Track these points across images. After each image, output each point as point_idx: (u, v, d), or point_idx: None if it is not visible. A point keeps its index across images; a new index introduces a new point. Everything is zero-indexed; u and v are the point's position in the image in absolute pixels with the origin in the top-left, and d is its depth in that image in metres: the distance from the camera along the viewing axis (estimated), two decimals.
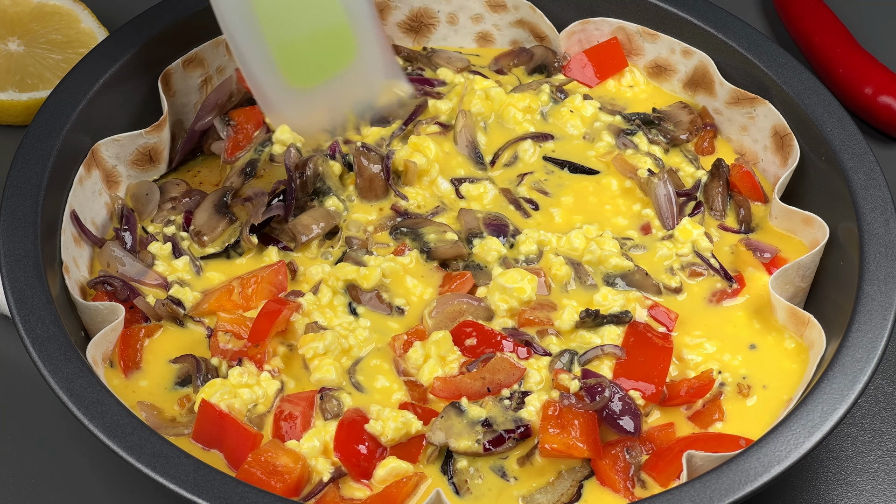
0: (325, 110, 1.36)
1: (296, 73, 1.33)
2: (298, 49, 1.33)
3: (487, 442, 1.14)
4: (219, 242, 1.29)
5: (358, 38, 1.35)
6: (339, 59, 1.35)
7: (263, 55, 1.31)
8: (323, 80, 1.35)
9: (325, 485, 1.13)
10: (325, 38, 1.34)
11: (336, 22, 1.34)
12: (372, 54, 1.37)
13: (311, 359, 1.20)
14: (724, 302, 1.27)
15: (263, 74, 1.32)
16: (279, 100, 1.33)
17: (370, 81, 1.37)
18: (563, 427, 1.13)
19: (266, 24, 1.31)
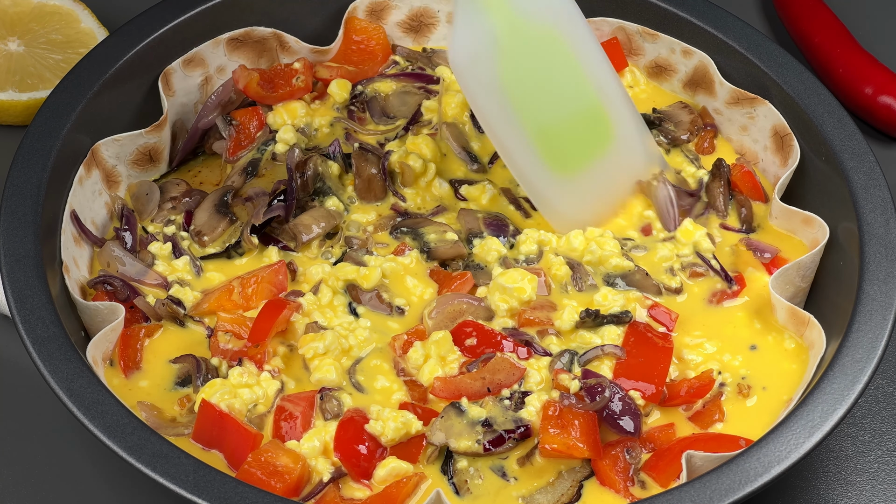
0: (592, 195, 1.30)
1: (557, 160, 1.27)
2: (557, 135, 1.27)
3: (487, 442, 1.14)
4: (219, 242, 1.29)
5: (613, 118, 1.30)
6: (600, 142, 1.30)
7: (524, 145, 1.25)
8: (586, 165, 1.29)
9: (325, 485, 1.13)
10: (582, 122, 1.28)
11: (589, 103, 1.28)
12: (629, 131, 1.32)
13: (311, 359, 1.20)
14: (724, 303, 1.27)
15: (527, 165, 1.26)
16: (546, 189, 1.28)
17: (631, 161, 1.32)
18: (563, 427, 1.13)
19: (521, 112, 1.25)
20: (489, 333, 1.22)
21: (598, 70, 1.29)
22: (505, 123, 1.24)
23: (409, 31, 1.48)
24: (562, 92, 1.27)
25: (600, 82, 1.29)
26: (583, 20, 1.28)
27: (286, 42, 1.42)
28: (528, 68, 1.24)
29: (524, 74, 1.24)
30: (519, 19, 1.23)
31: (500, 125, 1.24)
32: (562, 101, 1.27)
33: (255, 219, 1.27)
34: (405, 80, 1.42)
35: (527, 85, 1.24)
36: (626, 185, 1.32)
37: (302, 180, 1.30)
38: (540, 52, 1.25)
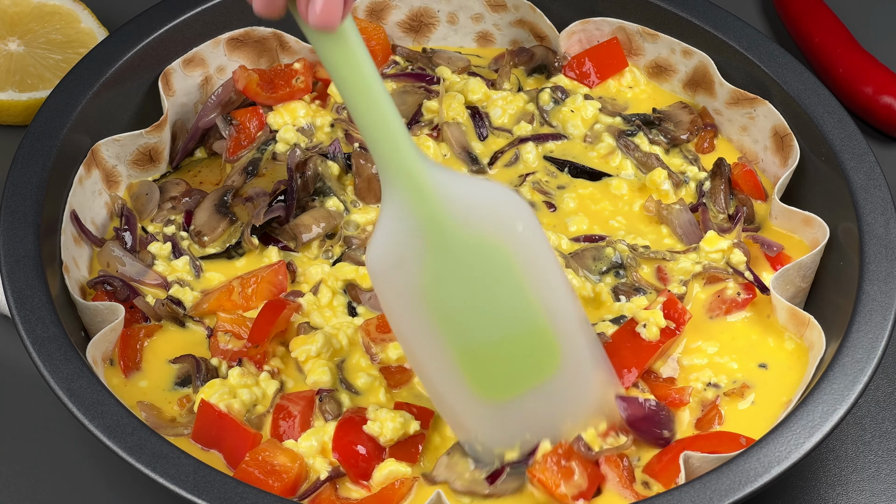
0: (523, 426, 1.12)
1: (483, 383, 1.10)
2: (486, 357, 1.09)
3: (488, 478, 1.14)
4: (219, 242, 1.29)
5: (562, 345, 1.10)
6: (540, 370, 1.10)
7: (442, 361, 1.08)
8: (519, 393, 1.11)
9: (321, 483, 1.13)
10: (521, 346, 1.09)
11: (533, 327, 1.09)
12: (580, 361, 1.12)
13: (304, 362, 1.20)
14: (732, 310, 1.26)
15: (444, 384, 1.10)
16: (465, 413, 1.11)
17: (577, 394, 1.14)
18: (560, 467, 1.13)
19: (444, 327, 1.07)
20: None
21: (551, 290, 1.10)
22: (422, 335, 1.08)
23: (409, 31, 1.48)
24: (498, 311, 1.08)
25: (552, 304, 1.09)
26: (539, 231, 1.08)
27: (286, 42, 1.42)
28: (459, 282, 1.06)
29: (454, 288, 1.06)
30: (458, 228, 1.05)
31: (416, 336, 1.08)
32: (497, 322, 1.08)
33: (255, 219, 1.27)
34: (405, 80, 1.42)
35: (456, 300, 1.07)
36: (564, 418, 1.14)
37: (302, 180, 1.30)
38: (477, 266, 1.06)
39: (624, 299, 1.26)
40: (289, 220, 1.29)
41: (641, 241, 1.30)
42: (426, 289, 1.06)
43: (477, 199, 1.06)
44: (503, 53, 1.46)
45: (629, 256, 1.28)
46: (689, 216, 1.31)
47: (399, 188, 1.04)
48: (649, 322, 1.20)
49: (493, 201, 1.06)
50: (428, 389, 1.13)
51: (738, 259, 1.27)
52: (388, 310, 1.08)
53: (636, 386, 1.20)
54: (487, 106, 1.40)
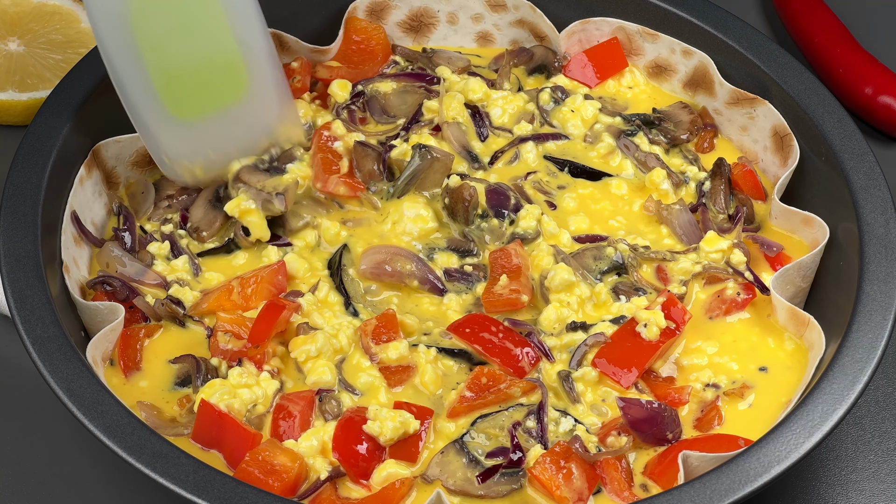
0: (207, 145, 1.29)
1: (177, 103, 1.25)
2: (182, 78, 1.24)
3: (479, 476, 1.14)
4: (218, 237, 1.30)
5: (251, 75, 1.27)
6: (228, 94, 1.27)
7: (142, 81, 1.23)
8: (208, 114, 1.27)
9: (321, 483, 1.13)
10: (213, 70, 1.25)
11: (227, 54, 1.25)
12: (266, 92, 1.29)
13: (304, 362, 1.20)
14: (732, 310, 1.26)
15: (142, 102, 1.24)
16: (158, 128, 1.26)
17: (260, 122, 1.30)
18: (559, 468, 1.13)
19: (146, 49, 1.22)
20: (488, 322, 1.21)
21: (246, 24, 1.25)
22: (126, 56, 1.22)
23: (409, 31, 1.48)
24: (196, 37, 1.24)
25: (245, 36, 1.25)
26: None
27: (286, 41, 1.42)
28: (162, 6, 1.21)
29: (157, 12, 1.21)
30: None
31: (120, 56, 1.22)
32: (194, 46, 1.24)
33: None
34: (405, 80, 1.42)
35: (158, 23, 1.21)
36: (248, 142, 1.30)
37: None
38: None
39: (624, 299, 1.26)
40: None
41: (641, 241, 1.30)
42: (131, 10, 1.20)
43: None
44: (503, 53, 1.46)
45: (630, 256, 1.28)
46: (689, 216, 1.31)
47: None
48: (650, 322, 1.20)
49: None
50: (124, 102, 1.25)
51: (738, 259, 1.27)
52: (96, 28, 1.21)
53: (636, 386, 1.20)
54: (487, 105, 1.40)
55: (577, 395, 1.20)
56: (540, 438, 1.16)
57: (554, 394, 1.20)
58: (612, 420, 1.18)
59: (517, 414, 1.18)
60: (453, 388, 1.20)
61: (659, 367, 1.22)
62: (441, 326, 1.24)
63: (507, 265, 1.25)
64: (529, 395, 1.19)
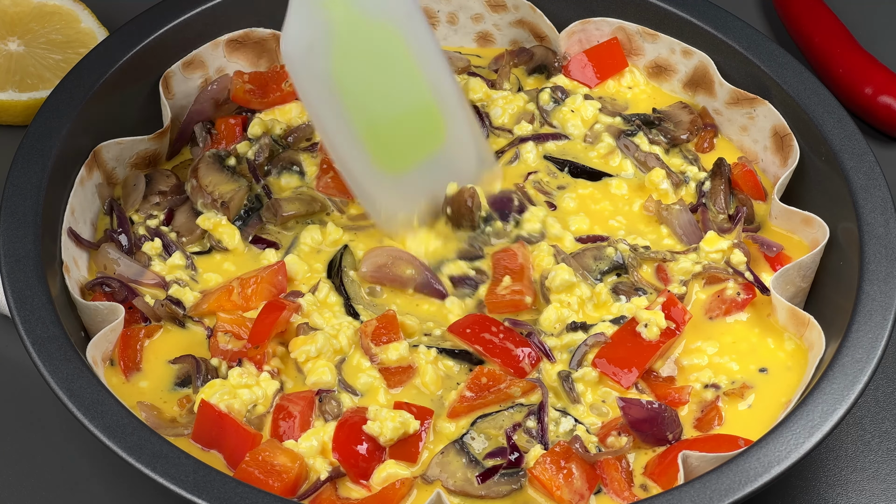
0: (419, 194, 1.29)
1: (385, 157, 1.26)
2: (387, 133, 1.26)
3: (478, 476, 1.14)
4: (199, 243, 1.30)
5: (446, 119, 1.28)
6: (429, 142, 1.28)
7: (352, 140, 1.25)
8: (415, 164, 1.28)
9: (322, 483, 1.13)
10: (413, 120, 1.27)
11: (423, 102, 1.27)
12: (462, 134, 1.30)
13: (304, 362, 1.20)
14: (732, 310, 1.26)
15: (353, 160, 1.26)
16: (372, 187, 1.27)
17: (463, 162, 1.31)
18: (559, 468, 1.13)
19: (351, 105, 1.24)
20: (488, 323, 1.21)
21: (435, 70, 1.27)
22: (334, 117, 1.24)
23: None
24: (395, 89, 1.26)
25: (436, 82, 1.27)
26: (423, 19, 1.26)
27: None
28: (362, 63, 1.23)
29: (358, 69, 1.23)
30: (356, 12, 1.22)
31: (329, 118, 1.24)
32: (394, 98, 1.26)
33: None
34: None
35: (360, 80, 1.24)
36: (460, 177, 1.30)
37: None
38: (375, 47, 1.24)
39: (624, 299, 1.26)
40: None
41: (641, 241, 1.30)
42: (333, 70, 1.22)
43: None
44: (503, 53, 1.46)
45: (630, 256, 1.28)
46: (689, 216, 1.31)
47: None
48: (650, 322, 1.20)
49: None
50: (338, 164, 1.27)
51: (738, 259, 1.27)
52: (303, 93, 1.24)
53: (636, 386, 1.20)
54: (488, 105, 1.40)
55: (577, 396, 1.20)
56: (540, 438, 1.16)
57: (554, 394, 1.20)
58: (612, 420, 1.18)
59: (517, 415, 1.18)
60: (454, 389, 1.20)
61: (659, 367, 1.22)
62: (441, 327, 1.24)
63: (511, 266, 1.25)
64: (529, 395, 1.19)
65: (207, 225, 1.28)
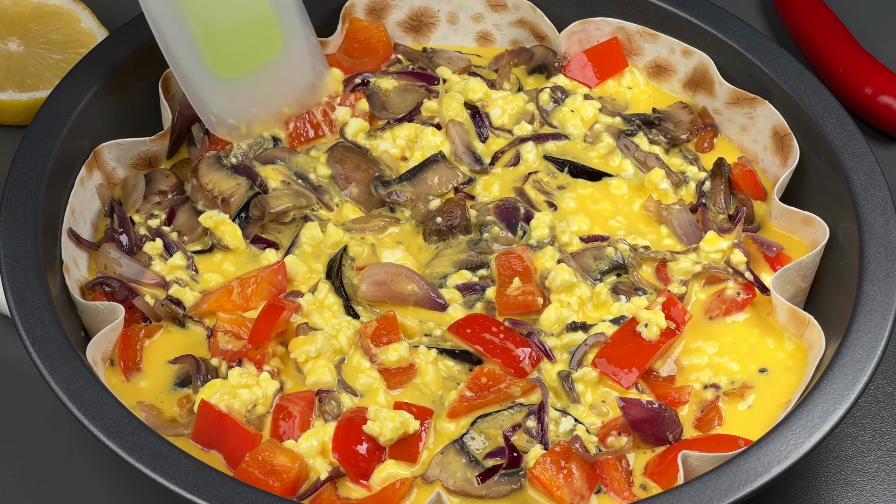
0: (251, 101, 1.35)
1: (221, 62, 1.32)
2: (223, 38, 1.32)
3: (478, 476, 1.14)
4: (201, 241, 1.30)
5: (283, 30, 1.35)
6: (265, 51, 1.35)
7: (188, 43, 1.30)
8: (248, 70, 1.34)
9: (322, 483, 1.13)
10: (251, 28, 1.33)
11: (261, 12, 1.33)
12: (298, 47, 1.36)
13: (304, 363, 1.20)
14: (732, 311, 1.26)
15: (189, 62, 1.31)
16: (205, 89, 1.32)
17: (297, 75, 1.37)
18: (559, 468, 1.13)
19: (189, 11, 1.30)
20: (489, 323, 1.21)
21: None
22: (173, 21, 1.29)
23: (410, 31, 1.48)
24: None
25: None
26: None
27: None
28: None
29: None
30: None
31: (167, 22, 1.29)
32: (232, 7, 1.32)
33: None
34: (407, 78, 1.42)
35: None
36: (287, 97, 1.37)
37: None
38: None
39: (624, 299, 1.26)
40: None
41: (641, 241, 1.30)
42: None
43: None
44: (503, 53, 1.46)
45: (630, 256, 1.28)
46: (689, 216, 1.31)
47: None
48: (650, 322, 1.20)
49: None
50: (173, 67, 1.31)
51: (738, 259, 1.27)
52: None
53: (636, 386, 1.20)
54: (487, 105, 1.40)
55: (577, 396, 1.20)
56: (540, 438, 1.16)
57: (554, 394, 1.20)
58: (612, 420, 1.18)
59: (517, 415, 1.18)
60: (454, 389, 1.20)
61: (659, 367, 1.22)
62: (441, 327, 1.24)
63: (518, 268, 1.25)
64: (529, 395, 1.19)
65: (209, 223, 1.28)
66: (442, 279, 1.27)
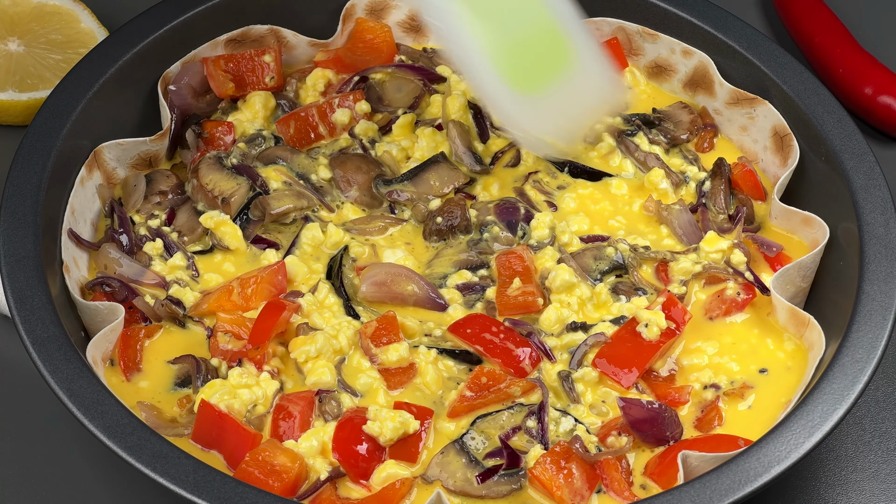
0: (558, 115, 1.30)
1: (519, 80, 1.27)
2: (515, 56, 1.27)
3: (478, 476, 1.14)
4: (201, 242, 1.30)
5: (572, 42, 1.29)
6: (560, 64, 1.29)
7: (481, 61, 1.25)
8: (548, 85, 1.28)
9: (322, 483, 1.13)
10: (540, 43, 1.28)
11: (548, 25, 1.28)
12: (589, 56, 1.31)
13: (304, 363, 1.20)
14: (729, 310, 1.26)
15: (488, 82, 1.26)
16: (511, 109, 1.27)
17: (593, 84, 1.32)
18: (559, 468, 1.13)
19: (479, 30, 1.25)
20: (489, 323, 1.21)
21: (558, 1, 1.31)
22: (463, 40, 1.25)
23: (410, 31, 1.48)
24: (521, 12, 1.27)
25: (556, 6, 1.30)
26: None
27: (284, 37, 1.42)
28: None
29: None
30: None
31: (460, 42, 1.25)
32: (522, 22, 1.27)
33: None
34: (410, 72, 1.42)
35: (489, 4, 1.26)
36: (593, 107, 1.34)
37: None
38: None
39: (624, 299, 1.26)
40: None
41: (641, 241, 1.30)
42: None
43: None
44: None
45: (630, 256, 1.28)
46: (689, 216, 1.31)
47: None
48: (650, 322, 1.20)
49: None
50: (476, 91, 1.30)
51: (739, 259, 1.27)
52: (434, 21, 1.25)
53: (636, 386, 1.20)
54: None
55: (577, 396, 1.20)
56: (540, 438, 1.16)
57: (554, 394, 1.20)
58: (612, 420, 1.18)
59: (518, 415, 1.18)
60: (454, 389, 1.20)
61: (659, 367, 1.22)
62: (441, 327, 1.24)
63: (518, 268, 1.25)
64: (529, 395, 1.19)
65: (210, 223, 1.28)
66: (442, 279, 1.27)
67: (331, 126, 1.37)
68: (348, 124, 1.37)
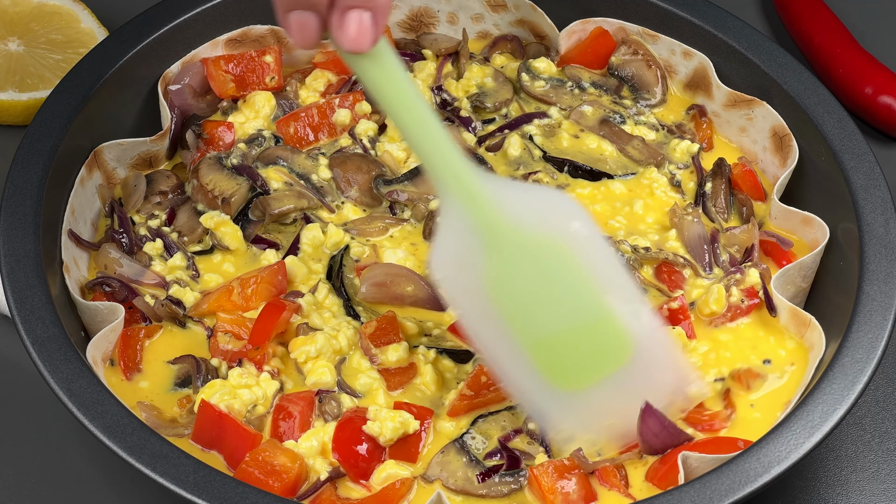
0: (606, 412, 1.14)
1: (558, 374, 1.11)
2: (558, 349, 1.11)
3: (479, 476, 1.14)
4: (202, 242, 1.30)
5: (630, 333, 1.11)
6: (612, 358, 1.11)
7: (515, 355, 1.11)
8: (592, 382, 1.12)
9: (322, 483, 1.13)
10: (590, 336, 1.10)
11: (601, 317, 1.11)
12: (654, 347, 1.14)
13: (304, 363, 1.20)
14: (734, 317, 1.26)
15: (524, 380, 1.12)
16: (551, 407, 1.13)
17: (657, 378, 1.15)
18: (560, 476, 1.13)
19: (512, 323, 1.10)
20: None
21: (619, 287, 1.12)
22: (494, 335, 1.11)
23: (409, 31, 1.48)
24: (563, 305, 1.10)
25: (619, 301, 1.12)
26: (597, 230, 1.11)
27: (284, 37, 1.42)
28: (521, 279, 1.09)
29: (516, 285, 1.09)
30: (510, 227, 1.08)
31: (490, 337, 1.11)
32: (562, 315, 1.10)
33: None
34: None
35: (519, 297, 1.09)
36: (652, 399, 1.14)
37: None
38: (535, 262, 1.09)
39: None
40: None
41: (642, 242, 1.30)
42: (489, 288, 1.09)
43: (529, 201, 1.10)
44: (497, 38, 1.46)
45: (632, 258, 1.27)
46: (701, 231, 1.29)
47: (453, 196, 1.08)
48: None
49: (546, 201, 1.11)
50: (509, 386, 1.14)
51: (753, 280, 1.26)
52: (458, 310, 1.15)
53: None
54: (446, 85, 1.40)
55: None
56: (541, 441, 1.16)
57: None
58: None
59: (518, 417, 1.17)
60: (454, 389, 1.20)
61: None
62: (441, 327, 1.24)
63: None
64: None
65: (210, 224, 1.28)
66: None
67: (331, 126, 1.37)
68: (348, 124, 1.37)
